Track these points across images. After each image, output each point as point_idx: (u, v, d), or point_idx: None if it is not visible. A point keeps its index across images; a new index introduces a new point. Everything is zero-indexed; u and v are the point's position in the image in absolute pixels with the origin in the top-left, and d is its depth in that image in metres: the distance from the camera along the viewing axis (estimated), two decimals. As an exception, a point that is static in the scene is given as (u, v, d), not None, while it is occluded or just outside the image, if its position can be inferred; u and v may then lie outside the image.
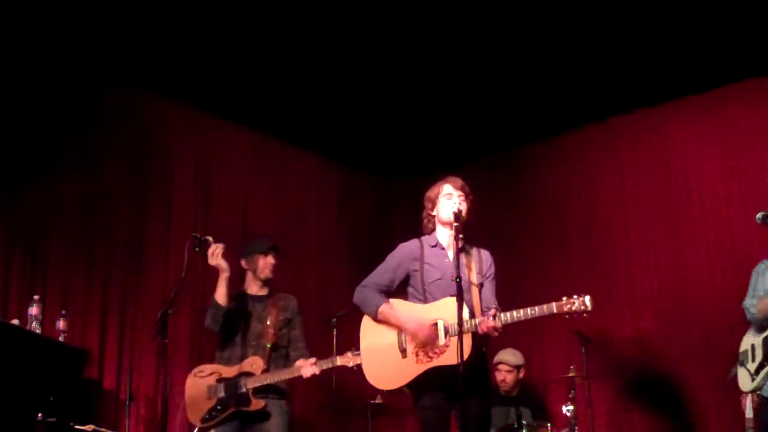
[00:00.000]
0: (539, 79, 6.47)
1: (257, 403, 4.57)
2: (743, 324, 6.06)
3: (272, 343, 4.73)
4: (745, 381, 4.74)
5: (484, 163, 7.51)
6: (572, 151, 7.29)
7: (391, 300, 4.11)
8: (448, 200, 4.11)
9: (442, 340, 3.87)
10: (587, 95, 6.69)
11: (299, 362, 4.67)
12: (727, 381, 5.01)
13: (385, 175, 8.19)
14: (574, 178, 7.21)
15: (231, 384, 4.61)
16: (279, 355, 4.78)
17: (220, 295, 4.66)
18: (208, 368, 4.74)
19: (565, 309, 3.69)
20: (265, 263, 4.91)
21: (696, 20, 5.65)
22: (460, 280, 3.67)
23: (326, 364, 4.58)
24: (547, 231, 7.24)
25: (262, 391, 4.62)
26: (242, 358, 4.69)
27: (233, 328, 4.74)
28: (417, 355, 3.93)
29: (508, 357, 6.08)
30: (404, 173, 8.01)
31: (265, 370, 4.63)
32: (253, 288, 4.92)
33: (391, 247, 4.28)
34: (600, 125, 7.12)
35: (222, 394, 4.61)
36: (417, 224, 4.35)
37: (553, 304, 3.71)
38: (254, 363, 4.64)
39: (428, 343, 3.90)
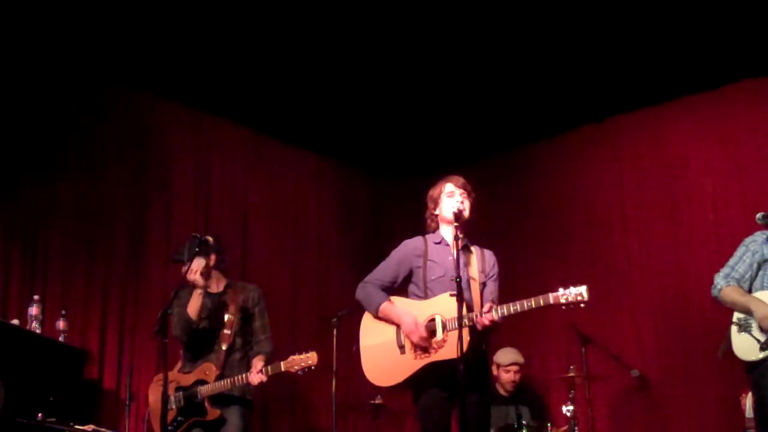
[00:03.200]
0: (539, 79, 6.47)
1: (213, 413, 4.44)
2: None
3: (228, 345, 4.57)
4: (749, 349, 4.23)
5: (484, 163, 7.50)
6: (572, 151, 7.29)
7: (392, 298, 4.11)
8: (450, 198, 4.10)
9: (439, 335, 3.87)
10: (587, 95, 6.69)
11: (255, 360, 4.52)
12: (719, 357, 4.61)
13: (385, 174, 8.18)
14: (574, 178, 7.21)
15: (188, 393, 4.50)
16: (243, 354, 4.63)
17: (193, 310, 4.50)
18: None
19: (562, 300, 3.68)
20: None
21: (696, 20, 5.65)
22: (460, 280, 3.67)
23: (273, 370, 4.41)
24: (547, 231, 7.24)
25: (220, 401, 4.47)
26: (202, 362, 4.56)
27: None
28: (415, 350, 3.93)
29: (518, 357, 6.12)
30: (404, 173, 8.00)
31: (220, 376, 4.49)
32: (210, 285, 4.67)
33: (391, 247, 4.27)
34: (600, 125, 7.11)
35: (181, 404, 4.51)
36: (416, 224, 4.35)
37: (550, 294, 3.70)
38: (207, 370, 4.51)
39: (420, 346, 3.89)
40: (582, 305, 3.67)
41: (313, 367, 4.35)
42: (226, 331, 4.57)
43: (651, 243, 6.67)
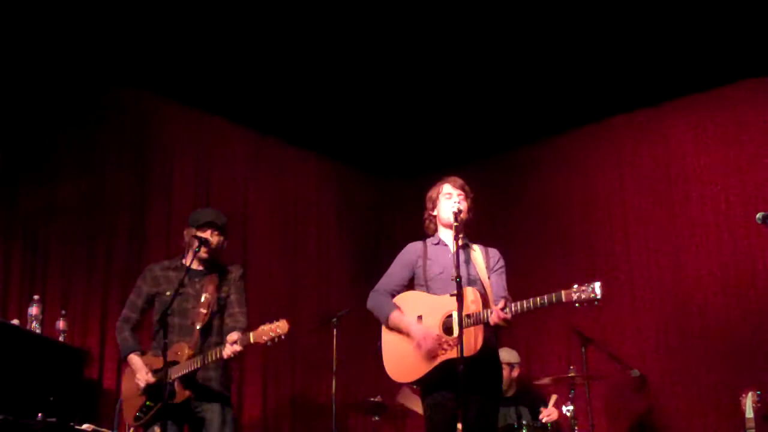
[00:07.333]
0: (539, 80, 6.47)
1: (182, 394, 4.14)
2: (742, 321, 6.09)
3: (203, 324, 4.27)
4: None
5: (484, 163, 7.50)
6: (572, 151, 7.29)
7: (402, 294, 4.10)
8: (448, 200, 4.10)
9: (455, 332, 3.79)
10: (587, 95, 6.69)
11: (228, 336, 4.17)
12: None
13: (385, 174, 8.19)
14: (574, 178, 7.21)
15: (158, 376, 4.19)
16: (221, 339, 4.26)
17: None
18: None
19: (574, 297, 3.61)
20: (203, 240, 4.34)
21: (696, 20, 5.65)
22: (460, 279, 3.67)
23: (242, 342, 4.07)
24: (547, 231, 7.24)
25: (200, 395, 4.20)
26: (175, 343, 4.25)
27: (166, 310, 4.27)
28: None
29: (509, 357, 6.08)
30: (404, 173, 8.00)
31: (193, 356, 4.15)
32: (194, 262, 4.37)
33: (392, 247, 4.31)
34: (600, 125, 7.11)
35: (150, 388, 4.22)
36: (417, 224, 4.35)
37: (562, 292, 3.64)
38: (179, 351, 4.20)
39: (429, 355, 3.86)
40: (596, 303, 3.60)
41: (283, 337, 4.03)
42: (202, 310, 4.31)
43: (651, 243, 6.67)
